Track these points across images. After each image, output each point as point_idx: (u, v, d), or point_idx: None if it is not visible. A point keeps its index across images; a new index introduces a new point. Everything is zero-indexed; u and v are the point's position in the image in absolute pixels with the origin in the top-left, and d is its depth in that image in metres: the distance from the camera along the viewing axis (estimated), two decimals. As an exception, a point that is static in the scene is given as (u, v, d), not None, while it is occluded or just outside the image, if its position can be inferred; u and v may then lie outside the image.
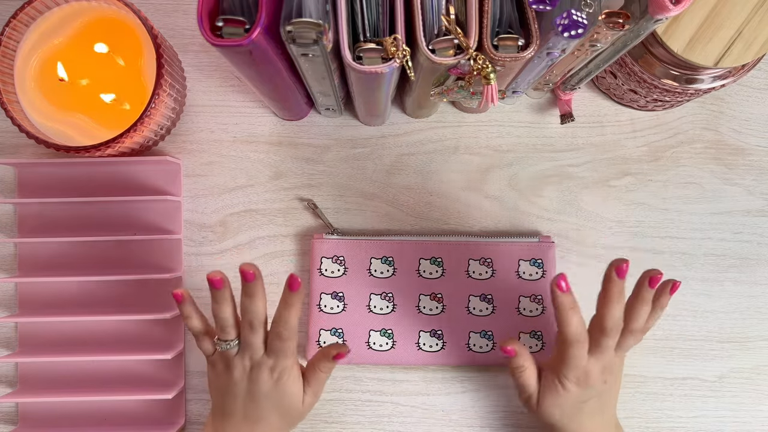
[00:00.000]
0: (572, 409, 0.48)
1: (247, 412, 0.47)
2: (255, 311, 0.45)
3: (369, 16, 0.40)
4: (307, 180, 0.58)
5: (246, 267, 0.44)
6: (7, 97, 0.50)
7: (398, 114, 0.59)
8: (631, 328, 0.47)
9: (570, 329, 0.45)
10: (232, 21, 0.38)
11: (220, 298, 0.45)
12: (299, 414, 0.49)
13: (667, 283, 0.48)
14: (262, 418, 0.47)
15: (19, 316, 0.55)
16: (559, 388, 0.47)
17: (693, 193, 0.59)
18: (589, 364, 0.47)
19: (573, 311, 0.45)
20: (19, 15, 0.49)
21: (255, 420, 0.47)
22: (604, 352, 0.47)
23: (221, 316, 0.46)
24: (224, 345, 0.46)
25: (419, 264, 0.57)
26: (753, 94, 0.60)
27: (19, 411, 0.56)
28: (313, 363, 0.49)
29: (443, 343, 0.56)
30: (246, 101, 0.59)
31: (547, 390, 0.48)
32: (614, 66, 0.53)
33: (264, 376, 0.46)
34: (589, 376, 0.47)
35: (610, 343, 0.46)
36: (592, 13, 0.38)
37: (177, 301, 0.47)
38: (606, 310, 0.45)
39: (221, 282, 0.44)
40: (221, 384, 0.48)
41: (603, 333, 0.46)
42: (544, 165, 0.59)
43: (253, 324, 0.45)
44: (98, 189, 0.57)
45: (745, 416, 0.58)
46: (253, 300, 0.45)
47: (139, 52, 0.52)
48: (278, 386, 0.47)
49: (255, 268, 0.44)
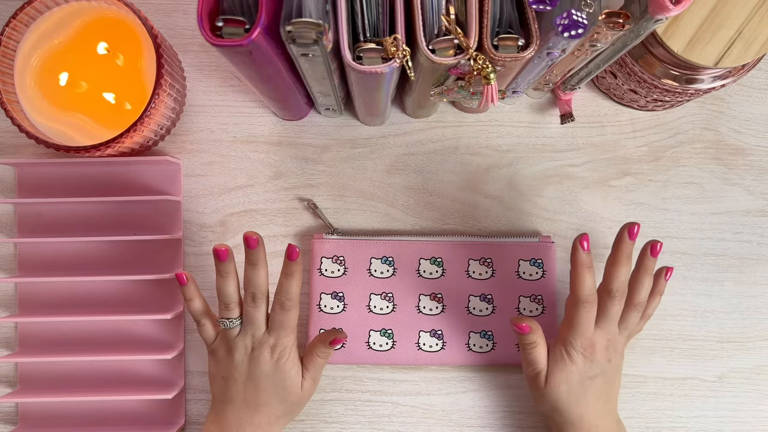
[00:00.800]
0: (579, 386, 0.48)
1: (247, 397, 0.47)
2: (258, 282, 0.46)
3: (369, 16, 0.40)
4: (307, 180, 0.58)
5: (249, 233, 0.45)
6: (7, 97, 0.50)
7: (398, 114, 0.59)
8: (634, 300, 0.48)
9: (583, 287, 0.46)
10: (232, 21, 0.38)
11: (224, 271, 0.46)
12: (299, 399, 0.49)
13: (661, 270, 0.52)
14: (263, 403, 0.47)
15: (19, 316, 0.55)
16: (566, 360, 0.48)
17: (693, 193, 0.59)
18: (595, 335, 0.48)
19: (589, 271, 0.46)
20: (19, 15, 0.49)
21: (255, 405, 0.47)
22: (609, 321, 0.47)
23: (225, 291, 0.47)
24: (227, 323, 0.47)
25: (419, 264, 0.57)
26: (753, 94, 0.60)
27: (19, 411, 0.56)
28: (311, 348, 0.49)
29: (443, 343, 0.56)
30: (246, 101, 0.59)
31: (554, 364, 0.48)
32: (614, 66, 0.53)
33: (265, 354, 0.47)
34: (594, 349, 0.47)
35: (615, 308, 0.47)
36: (592, 13, 0.38)
37: (180, 282, 0.48)
38: (614, 269, 0.47)
39: (226, 253, 0.46)
40: (222, 370, 0.48)
41: (609, 295, 0.47)
42: (544, 165, 0.59)
43: (256, 296, 0.46)
44: (98, 189, 0.57)
45: (745, 416, 0.58)
46: (256, 269, 0.46)
47: (139, 52, 0.52)
48: (278, 367, 0.47)
49: (258, 236, 0.45)
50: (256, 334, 0.47)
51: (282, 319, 0.47)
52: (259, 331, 0.47)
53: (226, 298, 0.47)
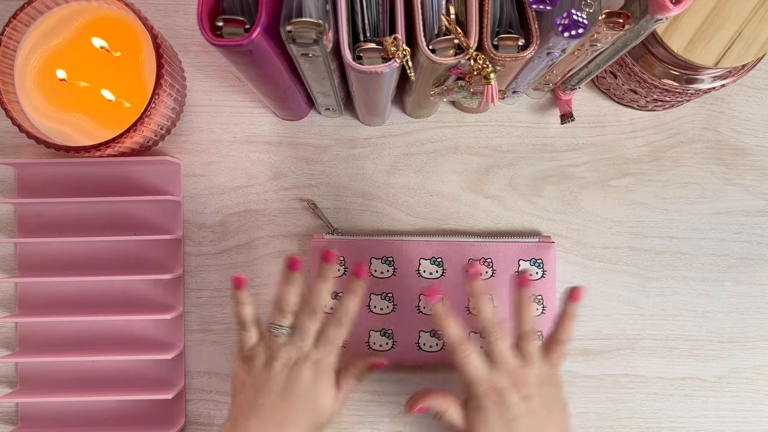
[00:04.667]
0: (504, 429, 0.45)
1: (275, 412, 0.45)
2: (323, 297, 0.47)
3: (369, 16, 0.40)
4: (307, 180, 0.58)
5: (328, 250, 0.47)
6: (7, 97, 0.50)
7: (398, 114, 0.59)
8: (520, 330, 0.47)
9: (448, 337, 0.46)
10: (232, 21, 0.38)
11: (293, 279, 0.47)
12: (327, 420, 0.47)
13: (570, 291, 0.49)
14: (290, 420, 0.45)
15: (19, 316, 0.55)
16: (479, 410, 0.45)
17: (693, 193, 0.59)
18: (494, 376, 0.45)
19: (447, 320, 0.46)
20: (19, 15, 0.49)
21: (282, 422, 0.45)
22: (497, 358, 0.46)
23: (287, 298, 0.47)
24: (277, 330, 0.46)
25: (419, 264, 0.57)
26: (753, 94, 0.60)
27: (19, 411, 0.56)
28: (350, 368, 0.48)
29: (443, 343, 0.56)
30: (246, 101, 0.59)
31: (472, 419, 0.46)
32: (614, 66, 0.53)
33: (306, 370, 0.46)
34: (500, 392, 0.45)
35: (497, 344, 0.46)
36: (592, 13, 0.38)
37: (238, 285, 0.48)
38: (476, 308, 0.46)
39: (299, 264, 0.47)
40: (255, 379, 0.46)
41: (483, 333, 0.46)
42: (544, 165, 0.59)
43: (316, 310, 0.47)
44: (98, 189, 0.57)
45: (745, 416, 0.58)
46: (325, 284, 0.47)
47: (139, 52, 0.52)
48: (315, 386, 0.46)
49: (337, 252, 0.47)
50: (303, 347, 0.46)
51: (334, 335, 0.46)
52: (307, 343, 0.46)
53: (285, 305, 0.46)
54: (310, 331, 0.46)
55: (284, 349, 0.46)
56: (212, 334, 0.57)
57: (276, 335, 0.46)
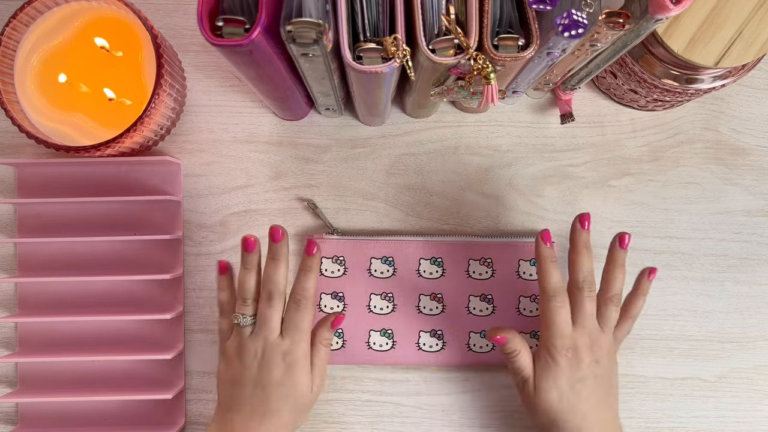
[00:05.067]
0: (570, 391, 0.46)
1: (255, 405, 0.45)
2: (276, 279, 0.45)
3: (369, 16, 0.40)
4: (307, 180, 0.58)
5: (276, 226, 0.45)
6: (7, 97, 0.50)
7: (398, 114, 0.59)
8: (607, 294, 0.47)
9: (549, 281, 0.46)
10: (232, 21, 0.38)
11: (249, 262, 0.46)
12: (310, 402, 0.47)
13: (644, 271, 0.50)
14: (271, 411, 0.45)
15: (19, 316, 0.55)
16: (551, 363, 0.46)
17: (693, 193, 0.59)
18: (575, 334, 0.46)
19: (553, 264, 0.46)
20: (19, 15, 0.49)
21: (263, 414, 0.45)
22: (583, 316, 0.46)
23: (246, 285, 0.46)
24: (241, 318, 0.45)
25: (419, 264, 0.57)
26: (753, 94, 0.60)
27: (19, 411, 0.56)
28: (313, 338, 0.47)
29: (443, 343, 0.56)
30: (246, 101, 0.59)
31: (541, 371, 0.46)
32: (614, 66, 0.53)
33: (276, 361, 0.45)
34: (577, 349, 0.46)
35: (586, 302, 0.46)
36: (592, 13, 0.38)
37: (221, 270, 0.48)
38: (574, 261, 0.47)
39: (254, 244, 0.46)
40: (230, 373, 0.46)
41: (577, 287, 0.46)
42: (544, 165, 0.59)
43: (273, 295, 0.45)
44: (98, 189, 0.57)
45: (745, 416, 0.58)
46: (276, 265, 0.45)
47: (139, 51, 0.52)
48: (290, 374, 0.45)
49: (284, 229, 0.45)
50: (269, 338, 0.45)
51: (296, 319, 0.45)
52: (273, 334, 0.45)
53: (244, 293, 0.46)
54: (271, 320, 0.45)
55: (250, 341, 0.45)
56: (212, 334, 0.57)
57: (241, 326, 0.46)
